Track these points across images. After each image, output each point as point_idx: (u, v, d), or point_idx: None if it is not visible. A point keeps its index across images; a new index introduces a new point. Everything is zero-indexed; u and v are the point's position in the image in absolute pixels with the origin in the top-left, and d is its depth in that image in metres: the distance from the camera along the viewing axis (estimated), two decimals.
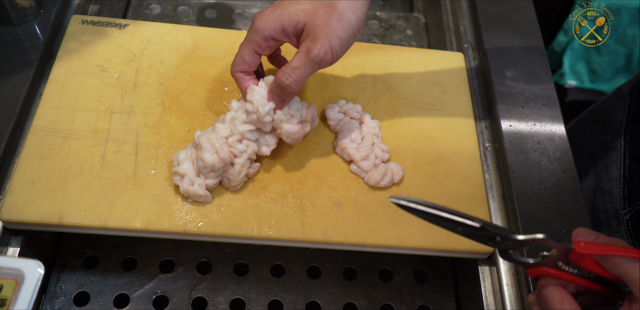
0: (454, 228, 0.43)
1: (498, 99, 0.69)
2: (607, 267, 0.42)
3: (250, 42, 0.56)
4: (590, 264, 0.43)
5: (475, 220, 0.43)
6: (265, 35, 0.55)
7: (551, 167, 0.64)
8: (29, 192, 0.55)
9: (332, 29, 0.53)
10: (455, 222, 0.43)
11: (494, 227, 0.43)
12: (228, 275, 0.67)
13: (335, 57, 0.55)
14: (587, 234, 0.45)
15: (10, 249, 0.56)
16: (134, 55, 0.67)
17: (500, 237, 0.44)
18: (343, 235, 0.58)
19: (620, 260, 0.42)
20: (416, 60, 0.73)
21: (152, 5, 0.90)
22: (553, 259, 0.45)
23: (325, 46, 0.53)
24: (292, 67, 0.54)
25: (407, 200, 0.42)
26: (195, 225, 0.56)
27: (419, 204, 0.42)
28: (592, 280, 0.45)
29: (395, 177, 0.61)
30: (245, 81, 0.59)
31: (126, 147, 0.60)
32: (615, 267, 0.42)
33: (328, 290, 0.67)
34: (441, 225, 0.43)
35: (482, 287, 0.60)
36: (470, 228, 0.43)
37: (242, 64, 0.58)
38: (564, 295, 0.44)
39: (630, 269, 0.41)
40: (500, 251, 0.46)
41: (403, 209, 0.43)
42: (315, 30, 0.53)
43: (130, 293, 0.64)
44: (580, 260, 0.43)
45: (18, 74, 0.62)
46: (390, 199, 0.42)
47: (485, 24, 0.75)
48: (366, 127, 0.64)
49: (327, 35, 0.53)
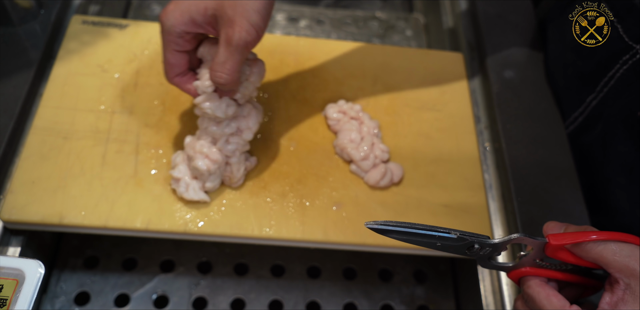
0: (433, 244, 0.44)
1: (497, 99, 0.69)
2: (582, 255, 0.43)
3: (167, 43, 0.52)
4: (566, 255, 0.44)
5: (452, 231, 0.44)
6: (177, 32, 0.51)
7: (551, 167, 0.64)
8: (29, 192, 0.56)
9: (243, 4, 0.48)
10: (432, 236, 0.44)
11: (471, 235, 0.44)
12: (228, 275, 0.67)
13: (261, 32, 0.50)
14: (557, 226, 0.45)
15: (10, 249, 0.57)
16: (135, 56, 0.67)
17: (479, 244, 0.44)
18: (343, 235, 0.58)
19: (592, 245, 0.42)
20: (416, 60, 0.73)
21: (153, 6, 0.90)
22: (531, 258, 0.45)
23: (245, 26, 0.48)
24: (220, 62, 0.50)
25: (383, 224, 0.43)
26: (195, 225, 0.56)
27: (395, 226, 0.43)
28: (571, 272, 0.46)
29: (395, 177, 0.62)
30: (186, 83, 0.55)
31: (127, 147, 0.60)
32: (589, 252, 0.42)
33: (328, 290, 0.67)
34: (420, 243, 0.44)
35: (481, 286, 0.60)
36: (448, 240, 0.44)
37: (171, 68, 0.54)
38: (549, 291, 0.44)
39: (603, 252, 0.42)
40: (480, 260, 0.46)
41: (380, 233, 0.44)
42: (227, 13, 0.49)
43: (130, 293, 0.64)
44: (556, 253, 0.44)
45: (18, 74, 0.62)
46: (366, 225, 0.44)
47: (485, 24, 0.75)
48: (366, 127, 0.64)
49: (242, 13, 0.48)
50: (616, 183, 0.60)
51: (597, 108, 0.62)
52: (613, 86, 0.59)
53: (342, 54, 0.71)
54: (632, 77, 0.56)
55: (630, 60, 0.56)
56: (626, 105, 0.57)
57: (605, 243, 0.42)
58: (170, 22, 0.50)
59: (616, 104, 0.59)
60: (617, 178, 0.60)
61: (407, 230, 0.43)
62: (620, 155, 0.59)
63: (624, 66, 0.57)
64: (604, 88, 0.61)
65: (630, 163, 0.58)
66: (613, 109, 0.60)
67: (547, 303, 0.43)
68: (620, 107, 0.58)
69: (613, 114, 0.60)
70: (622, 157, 0.59)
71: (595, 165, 0.63)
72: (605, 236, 0.42)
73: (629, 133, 0.57)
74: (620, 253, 0.41)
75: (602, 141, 0.62)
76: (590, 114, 0.64)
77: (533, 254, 0.45)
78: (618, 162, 0.59)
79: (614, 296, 0.41)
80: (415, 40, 0.92)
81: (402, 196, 0.61)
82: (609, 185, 0.61)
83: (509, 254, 0.60)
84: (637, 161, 0.57)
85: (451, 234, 0.44)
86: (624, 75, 0.58)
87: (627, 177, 0.58)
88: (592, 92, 0.62)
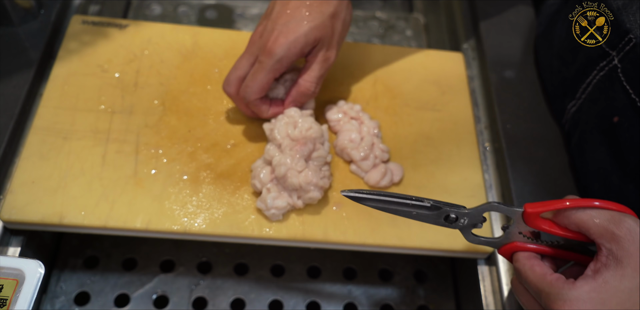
0: (409, 213, 0.45)
1: (497, 99, 0.69)
2: (564, 222, 0.43)
3: (272, 71, 0.56)
4: (550, 226, 0.44)
5: (425, 200, 0.45)
6: (287, 62, 0.56)
7: (551, 167, 0.64)
8: (29, 192, 0.55)
9: (339, 35, 0.59)
10: (407, 205, 0.45)
11: (444, 204, 0.45)
12: (228, 275, 0.67)
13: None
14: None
15: (10, 249, 0.57)
16: (135, 56, 0.67)
17: (455, 214, 0.45)
18: (343, 235, 0.58)
19: (571, 211, 0.42)
20: (416, 60, 0.73)
21: (153, 6, 0.90)
22: (515, 230, 0.45)
23: (338, 50, 0.60)
24: (317, 76, 0.59)
25: (357, 192, 0.45)
26: (195, 225, 0.56)
27: (369, 194, 0.45)
28: (565, 248, 0.45)
29: (395, 177, 0.62)
30: (263, 104, 0.60)
31: (127, 147, 0.60)
32: (569, 219, 0.42)
33: (328, 290, 0.67)
34: (396, 212, 0.45)
35: (481, 286, 0.60)
36: (422, 208, 0.45)
37: (262, 91, 0.58)
38: (534, 261, 0.44)
39: (583, 217, 0.41)
40: (464, 232, 0.47)
41: (356, 201, 0.45)
42: (328, 41, 0.58)
43: (130, 293, 0.64)
44: (538, 223, 0.44)
45: (18, 74, 0.62)
46: (342, 193, 0.45)
47: (485, 25, 0.75)
48: (366, 127, 0.64)
49: (338, 42, 0.59)
50: (593, 190, 0.60)
51: (575, 115, 0.63)
52: (590, 92, 0.60)
53: (342, 54, 0.71)
54: (607, 83, 0.57)
55: (606, 67, 0.57)
56: (601, 111, 0.57)
57: (585, 209, 0.41)
58: (283, 53, 0.55)
59: (592, 110, 0.59)
60: (593, 184, 0.60)
61: (380, 198, 0.45)
62: (595, 162, 0.59)
63: (600, 72, 0.58)
64: (582, 95, 0.61)
65: (605, 170, 0.57)
66: (589, 115, 0.60)
67: (531, 273, 0.43)
68: (596, 113, 0.58)
69: (589, 121, 0.60)
70: (597, 164, 0.58)
71: (576, 172, 0.63)
72: (585, 203, 0.41)
73: (604, 139, 0.57)
74: (600, 218, 0.41)
75: (579, 148, 0.62)
76: (572, 122, 0.64)
77: (516, 226, 0.45)
78: (594, 169, 0.59)
79: (598, 263, 0.40)
80: (415, 40, 0.92)
81: None
82: (587, 192, 0.61)
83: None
84: (612, 168, 0.56)
85: (424, 202, 0.45)
86: (600, 81, 0.58)
87: (602, 184, 0.58)
88: (573, 99, 0.63)
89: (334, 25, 0.58)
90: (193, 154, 0.61)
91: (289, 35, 0.55)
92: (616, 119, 0.55)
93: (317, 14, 0.56)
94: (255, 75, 0.56)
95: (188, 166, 0.60)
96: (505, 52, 0.73)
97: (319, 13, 0.56)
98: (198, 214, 0.57)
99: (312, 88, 0.59)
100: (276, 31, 0.55)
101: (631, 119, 0.53)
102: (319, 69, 0.59)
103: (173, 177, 0.59)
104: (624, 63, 0.54)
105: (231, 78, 0.58)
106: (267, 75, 0.56)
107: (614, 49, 0.56)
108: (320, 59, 0.58)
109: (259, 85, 0.57)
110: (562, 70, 0.65)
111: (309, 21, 0.55)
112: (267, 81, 0.57)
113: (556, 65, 0.67)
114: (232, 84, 0.58)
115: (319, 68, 0.59)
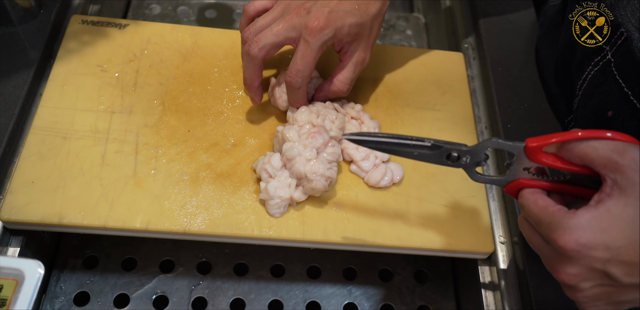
0: (411, 153, 0.46)
1: (498, 99, 0.69)
2: (567, 156, 0.42)
3: (319, 52, 0.56)
4: (554, 161, 0.43)
5: (426, 140, 0.45)
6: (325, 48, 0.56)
7: None
8: (29, 192, 0.55)
9: (374, 37, 0.60)
10: (407, 145, 0.45)
11: (445, 143, 0.45)
12: (228, 275, 0.67)
13: None
14: None
15: (10, 249, 0.57)
16: (134, 55, 0.67)
17: (456, 152, 0.45)
18: (343, 235, 0.58)
19: (574, 143, 0.41)
20: (416, 60, 0.73)
21: (152, 6, 0.90)
22: (519, 167, 0.44)
23: (370, 52, 0.61)
24: (352, 78, 0.60)
25: (359, 135, 0.46)
26: (195, 225, 0.56)
27: (370, 136, 0.46)
28: (571, 183, 0.44)
29: (395, 177, 0.62)
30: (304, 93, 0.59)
31: (126, 147, 0.60)
32: (572, 151, 0.41)
33: (328, 290, 0.67)
34: (398, 153, 0.46)
35: (482, 287, 0.60)
36: (423, 148, 0.45)
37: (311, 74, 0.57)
38: (538, 195, 0.43)
39: (586, 149, 0.40)
40: (468, 172, 0.47)
41: (357, 143, 0.46)
42: (365, 41, 0.59)
43: (130, 293, 0.64)
44: (540, 158, 0.43)
45: (18, 74, 0.62)
46: (344, 137, 0.46)
47: (485, 24, 0.75)
48: (366, 127, 0.64)
49: (373, 43, 0.61)
50: None
51: (574, 113, 0.63)
52: (585, 88, 0.60)
53: None
54: (602, 78, 0.56)
55: (600, 62, 0.57)
56: (596, 106, 0.57)
57: (588, 141, 0.40)
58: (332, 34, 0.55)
59: (588, 106, 0.59)
60: None
61: (381, 139, 0.45)
62: None
63: (595, 68, 0.58)
64: (579, 92, 0.61)
65: None
66: (585, 111, 0.60)
67: (534, 206, 0.42)
68: (592, 108, 0.58)
69: (585, 117, 0.60)
70: None
71: None
72: (587, 134, 0.40)
73: None
74: (603, 148, 0.39)
75: None
76: (572, 121, 0.64)
77: (519, 162, 0.44)
78: None
79: (602, 193, 0.39)
80: (416, 40, 0.92)
81: (402, 196, 0.61)
82: None
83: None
84: None
85: (425, 142, 0.45)
86: (594, 77, 0.58)
87: None
88: (572, 98, 0.63)
89: (373, 27, 0.59)
90: (193, 154, 0.61)
91: (337, 21, 0.55)
92: (610, 113, 0.55)
93: (363, 12, 0.57)
94: (305, 57, 0.55)
95: (188, 166, 0.60)
96: (506, 51, 0.73)
97: (364, 11, 0.57)
98: (198, 214, 0.57)
99: (344, 89, 0.61)
100: (327, 9, 0.55)
101: (625, 112, 0.53)
102: (354, 71, 0.60)
103: (173, 177, 0.59)
104: (616, 57, 0.55)
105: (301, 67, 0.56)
106: (313, 54, 0.55)
107: (608, 44, 0.56)
108: (355, 59, 0.59)
109: (307, 64, 0.56)
110: (563, 69, 0.65)
111: (355, 16, 0.56)
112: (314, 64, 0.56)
113: (557, 65, 0.67)
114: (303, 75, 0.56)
115: (353, 69, 0.60)
